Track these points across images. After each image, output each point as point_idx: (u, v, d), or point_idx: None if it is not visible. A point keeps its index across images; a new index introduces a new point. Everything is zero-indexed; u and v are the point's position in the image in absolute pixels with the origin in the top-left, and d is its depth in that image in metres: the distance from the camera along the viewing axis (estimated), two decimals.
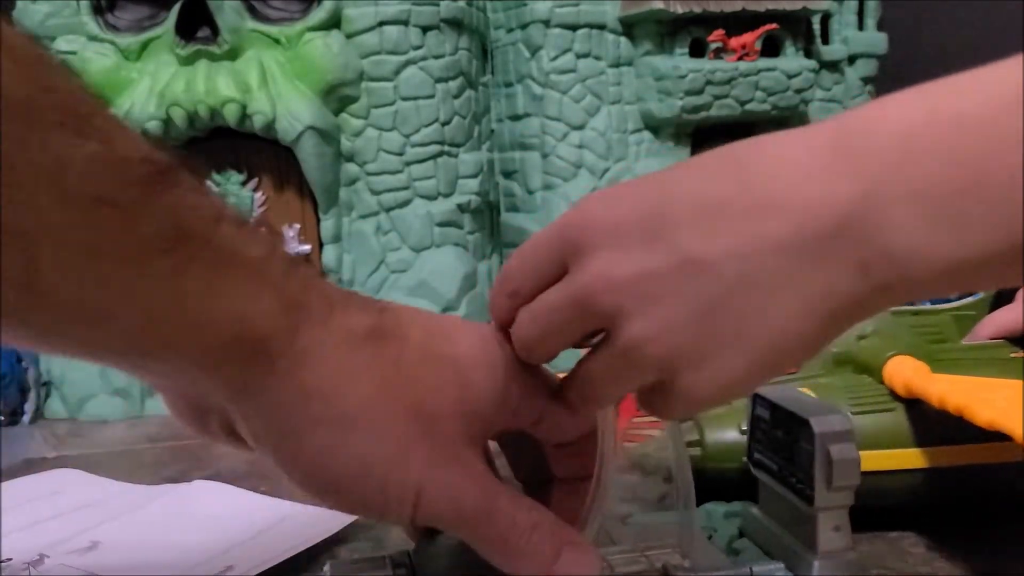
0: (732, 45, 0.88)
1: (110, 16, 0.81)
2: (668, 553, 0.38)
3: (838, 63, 0.98)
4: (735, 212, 0.29)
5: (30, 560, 0.47)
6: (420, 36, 0.83)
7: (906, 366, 0.47)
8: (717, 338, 0.29)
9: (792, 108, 0.90)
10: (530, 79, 0.90)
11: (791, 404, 0.38)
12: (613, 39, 0.90)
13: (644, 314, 0.29)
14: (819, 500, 0.36)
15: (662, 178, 0.32)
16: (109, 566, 0.46)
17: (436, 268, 0.84)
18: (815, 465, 0.35)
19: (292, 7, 0.80)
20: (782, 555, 0.38)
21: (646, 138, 0.91)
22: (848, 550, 0.37)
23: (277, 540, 0.48)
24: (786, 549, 0.38)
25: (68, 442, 0.72)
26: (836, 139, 0.28)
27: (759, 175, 0.29)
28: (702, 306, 0.29)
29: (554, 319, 0.32)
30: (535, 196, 0.91)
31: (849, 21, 0.99)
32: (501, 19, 0.93)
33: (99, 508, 0.55)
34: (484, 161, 0.90)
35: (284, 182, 0.82)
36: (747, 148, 0.30)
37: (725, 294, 0.29)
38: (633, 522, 0.42)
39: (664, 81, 0.87)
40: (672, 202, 0.30)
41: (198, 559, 0.46)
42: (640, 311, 0.29)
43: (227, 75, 0.77)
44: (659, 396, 0.31)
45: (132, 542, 0.50)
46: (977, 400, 0.40)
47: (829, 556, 0.36)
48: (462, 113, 0.87)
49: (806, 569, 0.36)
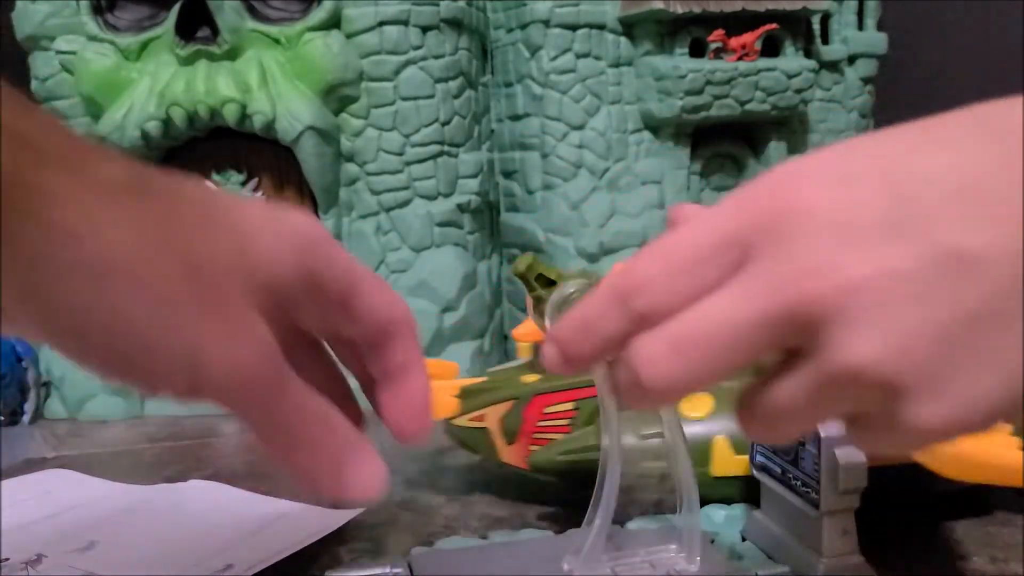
0: (732, 45, 0.88)
1: (110, 16, 0.81)
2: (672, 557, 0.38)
3: (838, 63, 0.98)
4: (1001, 193, 0.23)
5: (28, 559, 0.47)
6: (420, 36, 0.83)
7: None
8: (971, 356, 0.23)
9: (792, 108, 0.90)
10: (530, 79, 0.89)
11: None
12: (613, 39, 0.89)
13: (876, 325, 0.23)
14: (825, 504, 0.35)
15: (887, 148, 0.25)
16: (108, 565, 0.46)
17: (436, 268, 0.84)
18: (821, 469, 0.35)
19: (292, 7, 0.80)
20: (787, 559, 0.38)
21: (646, 138, 0.91)
22: (854, 553, 0.37)
23: (276, 538, 0.48)
24: (791, 553, 0.38)
25: (68, 442, 0.72)
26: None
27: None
28: (960, 315, 0.23)
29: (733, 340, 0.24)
30: (535, 196, 0.91)
31: (849, 21, 0.99)
32: (501, 19, 0.93)
33: (94, 508, 0.55)
34: (484, 161, 0.90)
35: (284, 182, 0.82)
36: (999, 111, 0.24)
37: (992, 299, 0.23)
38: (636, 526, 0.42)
39: (664, 81, 0.87)
40: (915, 180, 0.24)
41: (197, 558, 0.46)
42: (871, 321, 0.23)
43: (227, 75, 0.77)
44: (869, 429, 0.25)
45: (130, 541, 0.50)
46: None
47: (835, 559, 0.36)
48: (462, 113, 0.87)
49: (812, 572, 0.36)
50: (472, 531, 0.49)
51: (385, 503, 0.54)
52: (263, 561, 0.45)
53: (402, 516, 0.52)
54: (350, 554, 0.47)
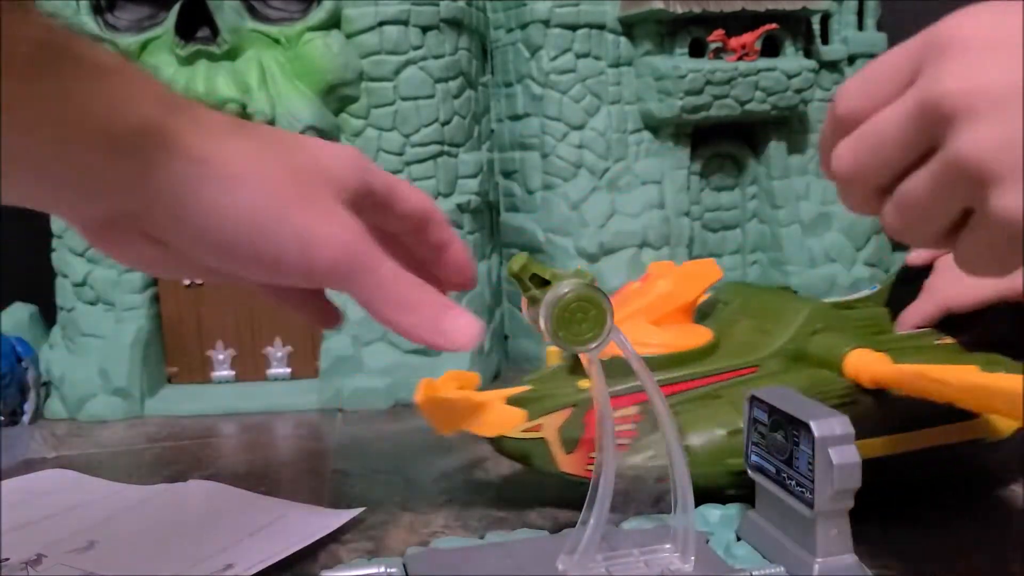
0: (732, 45, 0.88)
1: (110, 16, 0.81)
2: (667, 557, 0.38)
3: (838, 63, 0.98)
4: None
5: (28, 559, 0.47)
6: (420, 36, 0.83)
7: (869, 358, 0.48)
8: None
9: (792, 108, 0.90)
10: (530, 79, 0.89)
11: (790, 406, 0.38)
12: (613, 39, 0.90)
13: (991, 123, 0.28)
14: (819, 504, 0.35)
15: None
16: (108, 565, 0.46)
17: None
18: (815, 469, 0.35)
19: (292, 7, 0.80)
20: (781, 558, 0.38)
21: (646, 138, 0.91)
22: (848, 553, 0.37)
23: (276, 538, 0.48)
24: (785, 552, 0.38)
25: (68, 442, 0.72)
26: None
27: None
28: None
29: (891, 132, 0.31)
30: (535, 196, 0.91)
31: (849, 21, 0.99)
32: (501, 19, 0.93)
33: (94, 508, 0.55)
34: (484, 161, 0.90)
35: None
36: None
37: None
38: (630, 526, 0.42)
39: (664, 81, 0.87)
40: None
41: (197, 557, 0.46)
42: (986, 118, 0.28)
43: (227, 75, 0.77)
44: (971, 230, 0.30)
45: (130, 541, 0.50)
46: (944, 383, 0.42)
47: (830, 559, 0.36)
48: (462, 113, 0.87)
49: (807, 572, 0.36)
50: (472, 531, 0.49)
51: (385, 503, 0.54)
52: (263, 561, 0.45)
53: (402, 516, 0.52)
54: (350, 554, 0.47)
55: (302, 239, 0.35)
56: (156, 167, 0.34)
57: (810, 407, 0.37)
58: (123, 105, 0.33)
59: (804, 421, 0.36)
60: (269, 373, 0.82)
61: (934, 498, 0.49)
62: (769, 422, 0.39)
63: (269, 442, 0.72)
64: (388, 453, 0.65)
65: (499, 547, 0.42)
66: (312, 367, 0.81)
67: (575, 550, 0.37)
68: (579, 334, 0.35)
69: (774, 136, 0.93)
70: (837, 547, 0.36)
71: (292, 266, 0.36)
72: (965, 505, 0.49)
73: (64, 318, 0.84)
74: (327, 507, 0.53)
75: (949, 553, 0.44)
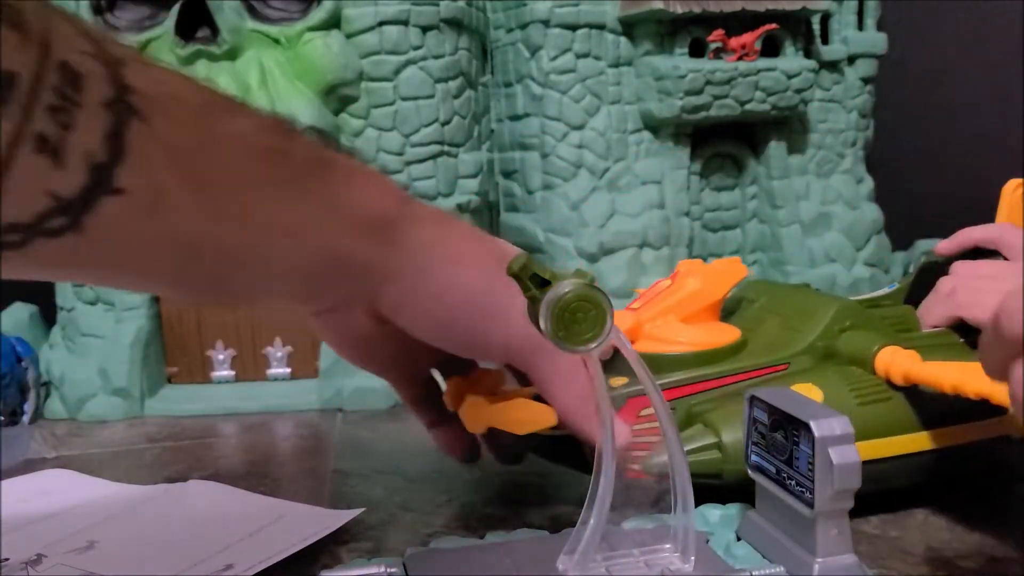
0: (732, 45, 0.88)
1: (110, 16, 0.81)
2: (667, 557, 0.38)
3: (838, 63, 0.98)
4: None
5: (28, 559, 0.47)
6: (420, 36, 0.83)
7: (901, 356, 0.48)
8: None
9: (792, 108, 0.90)
10: (530, 79, 0.90)
11: (789, 406, 0.38)
12: (613, 39, 0.90)
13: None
14: (819, 504, 0.35)
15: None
16: (108, 565, 0.46)
17: None
18: (815, 469, 0.35)
19: (292, 7, 0.80)
20: (781, 558, 0.38)
21: (646, 138, 0.91)
22: (848, 553, 0.37)
23: (276, 538, 0.48)
24: (785, 552, 0.38)
25: (68, 442, 0.72)
26: None
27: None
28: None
29: None
30: (535, 196, 0.91)
31: (849, 21, 0.99)
32: (501, 19, 0.93)
33: (94, 508, 0.55)
34: (484, 161, 0.90)
35: None
36: None
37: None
38: (630, 526, 0.42)
39: (664, 81, 0.87)
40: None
41: (197, 558, 0.46)
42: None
43: (227, 75, 0.77)
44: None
45: (130, 541, 0.50)
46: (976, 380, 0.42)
47: (830, 559, 0.36)
48: (462, 113, 0.87)
49: (807, 572, 0.36)
50: (472, 531, 0.49)
51: (385, 503, 0.54)
52: (263, 561, 0.45)
53: (402, 516, 0.52)
54: (350, 554, 0.47)
55: (506, 315, 0.41)
56: (397, 248, 0.41)
57: (810, 407, 0.37)
58: (369, 199, 0.41)
59: (804, 421, 0.36)
60: (269, 373, 0.82)
61: (940, 496, 0.49)
62: (769, 422, 0.39)
63: (269, 442, 0.72)
64: (388, 453, 0.65)
65: (498, 547, 0.42)
66: (312, 367, 0.81)
67: (575, 550, 0.37)
68: (579, 334, 0.35)
69: (774, 136, 0.93)
70: (837, 547, 0.36)
71: (490, 348, 0.44)
72: (966, 504, 0.49)
73: (64, 318, 0.84)
74: (327, 507, 0.53)
75: (951, 553, 0.44)
